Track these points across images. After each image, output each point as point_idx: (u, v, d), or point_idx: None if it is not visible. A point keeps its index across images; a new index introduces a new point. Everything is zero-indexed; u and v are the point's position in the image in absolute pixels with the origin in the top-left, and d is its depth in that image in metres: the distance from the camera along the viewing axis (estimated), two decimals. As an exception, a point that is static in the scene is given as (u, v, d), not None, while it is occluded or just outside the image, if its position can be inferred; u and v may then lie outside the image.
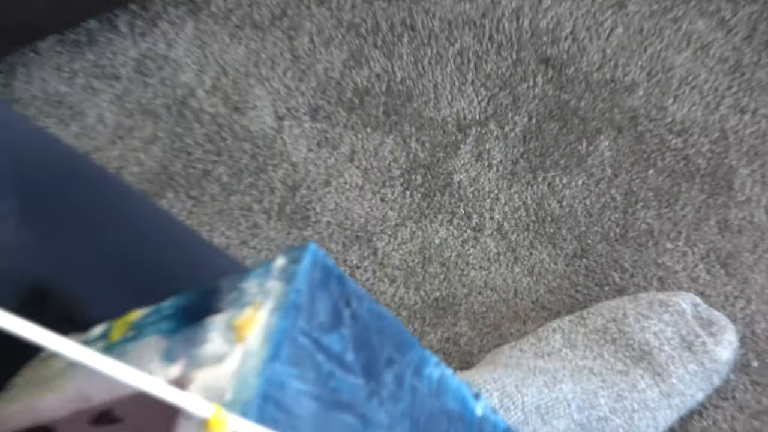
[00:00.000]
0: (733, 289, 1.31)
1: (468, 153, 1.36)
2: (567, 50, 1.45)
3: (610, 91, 1.42)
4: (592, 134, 1.40)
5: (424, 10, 1.52)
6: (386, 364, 0.67)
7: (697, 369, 1.19)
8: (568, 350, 1.24)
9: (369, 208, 1.32)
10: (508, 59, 1.45)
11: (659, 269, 1.32)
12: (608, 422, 1.18)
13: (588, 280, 1.33)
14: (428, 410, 0.69)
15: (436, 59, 1.43)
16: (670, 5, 1.45)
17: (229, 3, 1.55)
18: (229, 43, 1.52)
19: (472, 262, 1.34)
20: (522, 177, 1.38)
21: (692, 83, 1.40)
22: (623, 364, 1.21)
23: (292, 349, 0.59)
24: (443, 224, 1.36)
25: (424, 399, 0.69)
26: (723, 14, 1.45)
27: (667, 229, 1.33)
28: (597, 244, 1.34)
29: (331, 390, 0.61)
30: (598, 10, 1.50)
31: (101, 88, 1.42)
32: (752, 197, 1.35)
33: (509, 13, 1.48)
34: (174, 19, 1.55)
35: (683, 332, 1.20)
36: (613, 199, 1.36)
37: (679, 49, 1.41)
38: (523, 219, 1.36)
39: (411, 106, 1.38)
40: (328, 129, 1.32)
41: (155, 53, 1.47)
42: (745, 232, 1.34)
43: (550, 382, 1.19)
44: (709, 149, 1.38)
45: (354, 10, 1.52)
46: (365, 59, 1.46)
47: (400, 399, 0.66)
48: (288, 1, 1.54)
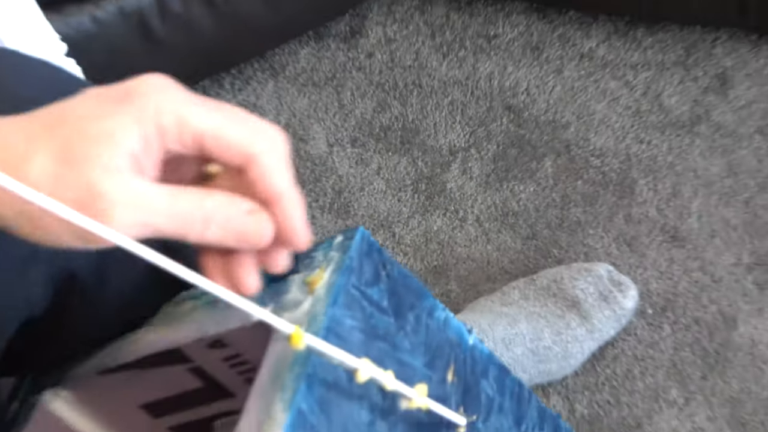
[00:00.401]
0: (635, 261, 1.30)
1: (456, 169, 1.36)
2: (523, 101, 1.40)
3: (552, 128, 1.39)
4: (540, 157, 1.36)
5: (428, 74, 1.45)
6: (409, 309, 0.69)
7: (610, 314, 1.21)
8: (523, 301, 1.24)
9: (390, 206, 1.33)
10: (483, 106, 1.41)
11: (585, 247, 1.32)
12: (551, 350, 1.19)
13: (537, 254, 1.32)
14: (437, 340, 0.71)
15: (435, 106, 1.41)
16: (592, 71, 1.42)
17: (297, 69, 1.52)
18: (297, 95, 1.49)
19: (458, 242, 1.34)
20: (493, 185, 1.35)
21: (607, 123, 1.38)
22: (560, 310, 1.21)
23: (346, 298, 0.63)
24: (439, 216, 1.34)
25: (434, 332, 0.71)
26: (627, 78, 1.42)
27: (590, 220, 1.33)
28: (543, 230, 1.33)
29: (372, 326, 0.65)
30: (543, 74, 1.47)
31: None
32: (647, 200, 1.33)
33: (484, 76, 1.44)
34: (261, 80, 1.51)
35: (601, 289, 1.21)
36: (554, 200, 1.33)
37: (599, 100, 1.40)
38: (493, 213, 1.34)
39: (418, 138, 1.39)
40: (362, 152, 1.33)
41: (248, 102, 1.49)
42: (643, 222, 1.33)
43: (512, 323, 1.19)
44: (618, 167, 1.35)
45: (381, 74, 1.46)
46: (388, 106, 1.43)
47: (419, 332, 0.69)
48: (336, 68, 1.51)
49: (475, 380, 0.74)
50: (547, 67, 1.47)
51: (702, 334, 1.23)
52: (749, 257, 1.27)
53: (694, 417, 1.17)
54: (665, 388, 1.19)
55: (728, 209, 1.31)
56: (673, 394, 1.18)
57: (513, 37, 1.48)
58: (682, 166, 1.36)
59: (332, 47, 1.51)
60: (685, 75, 1.42)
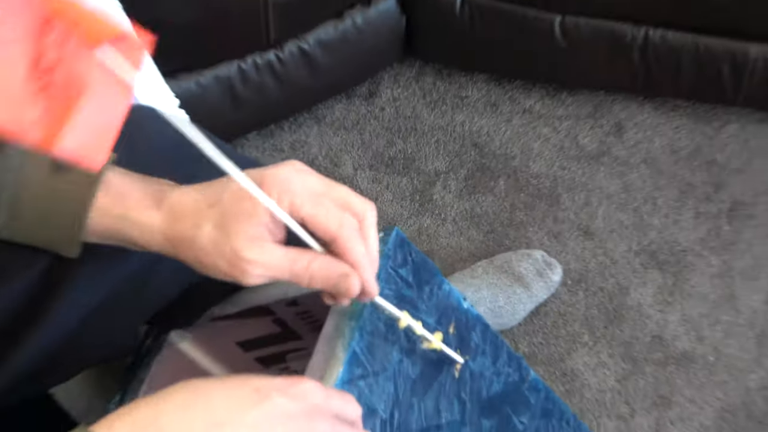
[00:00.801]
0: (560, 248, 1.30)
1: (440, 185, 1.37)
2: (485, 140, 1.39)
3: (504, 158, 1.40)
4: (496, 178, 1.37)
5: (421, 122, 1.45)
6: (426, 283, 0.71)
7: (543, 285, 1.22)
8: (485, 275, 1.22)
9: (395, 210, 1.34)
10: (458, 144, 1.41)
11: (526, 239, 1.32)
12: (503, 308, 1.20)
13: (494, 244, 1.32)
14: (443, 305, 0.73)
15: (426, 143, 1.40)
16: (531, 121, 1.43)
17: (333, 117, 1.48)
18: (333, 135, 1.46)
19: (441, 236, 1.33)
20: (464, 197, 1.36)
21: (541, 155, 1.39)
22: (510, 282, 1.21)
23: (384, 275, 0.65)
24: (428, 218, 1.35)
25: (441, 300, 0.72)
26: (555, 125, 1.44)
27: (530, 221, 1.32)
28: (498, 228, 1.32)
29: (401, 294, 0.67)
30: (498, 122, 1.45)
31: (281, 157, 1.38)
32: (568, 207, 1.33)
33: (459, 124, 1.45)
34: (308, 125, 1.47)
35: (537, 268, 1.23)
36: (506, 207, 1.34)
37: (535, 140, 1.41)
38: (465, 216, 1.34)
39: (414, 164, 1.40)
40: (376, 174, 1.32)
41: (299, 140, 1.46)
42: (565, 222, 1.32)
43: (476, 290, 1.20)
44: (548, 185, 1.36)
45: (389, 121, 1.46)
46: (394, 143, 1.42)
47: (431, 299, 0.71)
48: (359, 117, 1.47)
49: (468, 333, 0.75)
50: (501, 118, 1.45)
51: (605, 298, 1.24)
52: (636, 246, 1.28)
53: (599, 354, 1.19)
54: (579, 334, 1.21)
55: (623, 214, 1.32)
56: (585, 339, 1.20)
57: (478, 97, 1.47)
58: (591, 185, 1.36)
59: (356, 103, 1.48)
60: (594, 123, 1.42)
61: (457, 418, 0.69)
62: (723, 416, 1.09)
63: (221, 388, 0.53)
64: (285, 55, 1.28)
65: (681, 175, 1.32)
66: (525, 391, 0.80)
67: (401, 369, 0.65)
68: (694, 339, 1.15)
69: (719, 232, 1.25)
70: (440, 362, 0.70)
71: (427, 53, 1.47)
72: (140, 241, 0.58)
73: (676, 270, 1.22)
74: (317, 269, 0.54)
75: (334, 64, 1.34)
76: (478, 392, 0.73)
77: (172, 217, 0.56)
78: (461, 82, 1.47)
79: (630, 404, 1.12)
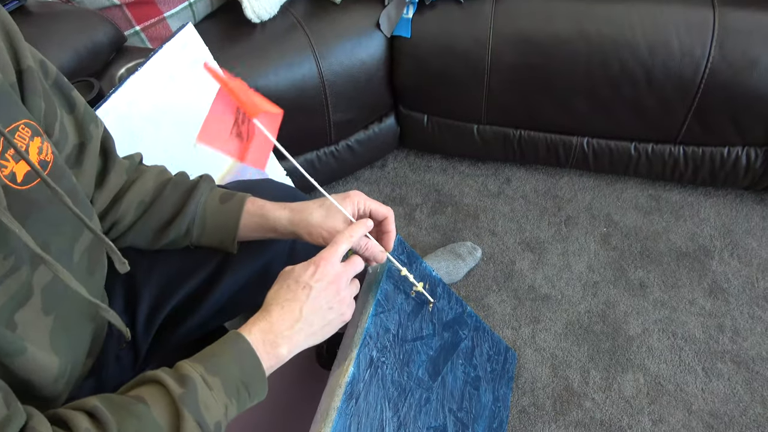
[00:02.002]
0: (480, 241, 1.29)
1: (418, 211, 1.34)
2: (440, 188, 1.42)
3: (450, 197, 1.37)
4: (446, 207, 1.35)
5: (409, 180, 1.44)
6: (413, 262, 0.69)
7: (471, 259, 1.20)
8: (442, 256, 1.19)
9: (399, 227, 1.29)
10: (426, 190, 1.40)
11: (463, 237, 1.29)
12: (452, 273, 1.16)
13: (446, 240, 1.28)
14: (423, 273, 0.70)
15: (410, 189, 1.40)
16: (465, 179, 1.42)
17: (362, 179, 1.44)
18: (363, 187, 1.43)
19: (419, 237, 1.29)
20: (431, 217, 1.33)
21: (470, 195, 1.39)
22: (454, 258, 1.19)
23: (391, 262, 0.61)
24: (413, 228, 1.31)
25: (421, 270, 0.70)
26: (475, 179, 1.43)
27: (465, 228, 1.31)
28: (448, 232, 1.31)
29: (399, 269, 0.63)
30: (447, 178, 1.44)
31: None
32: (484, 221, 1.32)
33: (433, 180, 1.45)
34: (350, 183, 1.44)
35: (468, 250, 1.21)
36: (452, 222, 1.31)
37: (465, 187, 1.40)
38: (430, 226, 1.31)
39: (405, 200, 1.36)
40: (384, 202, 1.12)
41: (347, 190, 1.20)
42: (482, 228, 1.29)
43: (437, 264, 1.17)
44: (473, 209, 1.32)
45: (393, 182, 1.45)
46: (397, 192, 1.41)
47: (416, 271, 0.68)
48: (376, 179, 1.44)
49: (434, 287, 0.72)
50: (448, 176, 1.44)
51: (503, 266, 1.23)
52: (519, 239, 1.28)
53: (501, 296, 1.18)
54: (490, 285, 1.20)
55: (511, 223, 1.31)
56: (493, 288, 1.19)
57: (436, 166, 1.47)
58: (495, 209, 1.35)
59: (375, 171, 1.46)
60: (495, 178, 1.41)
61: (431, 332, 0.67)
62: (567, 327, 1.12)
63: (287, 290, 0.48)
64: (339, 147, 1.33)
65: (540, 203, 1.36)
66: (465, 317, 0.77)
67: (402, 307, 0.62)
68: (550, 287, 1.18)
69: (560, 230, 1.30)
70: (421, 302, 0.67)
71: (410, 145, 1.47)
72: (274, 227, 0.56)
73: (539, 251, 1.26)
74: (370, 245, 0.56)
75: (364, 152, 1.37)
76: (440, 318, 0.70)
77: (294, 212, 0.55)
78: (427, 159, 1.48)
79: (518, 321, 1.13)
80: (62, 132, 0.49)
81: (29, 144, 0.41)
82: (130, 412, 0.39)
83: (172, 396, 0.41)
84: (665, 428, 0.99)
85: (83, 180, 0.51)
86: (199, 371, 0.43)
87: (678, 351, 1.09)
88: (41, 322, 0.43)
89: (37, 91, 0.45)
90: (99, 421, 0.38)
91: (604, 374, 1.06)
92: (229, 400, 0.43)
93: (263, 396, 0.46)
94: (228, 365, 0.43)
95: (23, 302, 0.41)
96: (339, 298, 0.49)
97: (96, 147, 0.53)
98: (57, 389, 0.45)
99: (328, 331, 0.49)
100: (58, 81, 0.50)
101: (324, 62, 1.13)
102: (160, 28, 1.06)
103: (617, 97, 1.14)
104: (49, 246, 0.43)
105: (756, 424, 0.99)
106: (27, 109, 0.44)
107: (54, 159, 0.44)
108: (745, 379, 1.04)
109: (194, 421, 0.40)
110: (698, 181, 1.29)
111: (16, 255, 0.40)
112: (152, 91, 0.78)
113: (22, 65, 0.44)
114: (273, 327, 0.46)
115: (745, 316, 1.13)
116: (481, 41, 1.15)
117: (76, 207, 0.43)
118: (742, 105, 1.08)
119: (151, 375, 0.43)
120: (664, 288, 1.18)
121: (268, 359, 0.45)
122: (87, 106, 0.53)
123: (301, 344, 0.47)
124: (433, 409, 0.62)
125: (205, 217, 0.57)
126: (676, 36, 1.07)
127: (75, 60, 0.86)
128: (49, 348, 0.43)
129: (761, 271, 1.19)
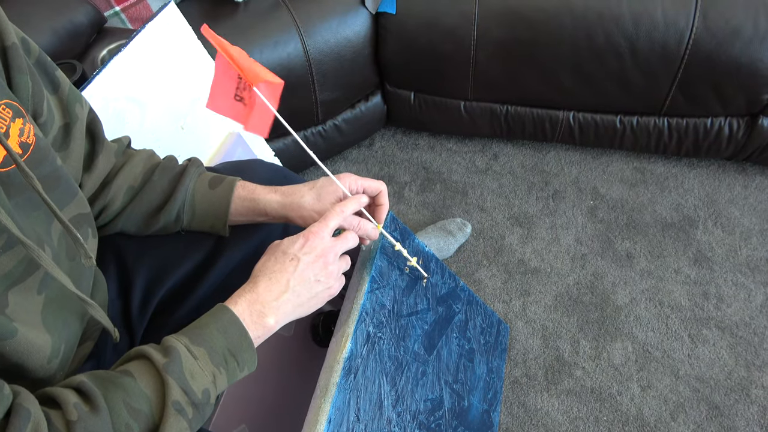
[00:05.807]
0: (469, 217, 1.29)
1: (407, 189, 1.33)
2: (429, 166, 1.42)
3: (439, 174, 1.38)
4: (435, 184, 1.35)
5: (397, 159, 1.43)
6: (405, 238, 0.69)
7: (462, 235, 1.21)
8: (433, 232, 1.20)
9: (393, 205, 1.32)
10: (415, 168, 1.40)
11: (452, 213, 1.29)
12: (443, 249, 1.17)
13: (436, 217, 1.28)
14: (416, 249, 0.70)
15: (398, 167, 1.39)
16: (453, 156, 1.42)
17: (350, 158, 1.43)
18: (351, 167, 1.42)
19: (409, 215, 1.29)
20: (420, 195, 1.32)
21: (459, 171, 1.39)
22: (445, 235, 1.20)
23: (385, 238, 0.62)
24: (403, 205, 1.31)
25: (414, 246, 0.70)
26: (463, 156, 1.44)
27: (454, 205, 1.31)
28: (438, 209, 1.30)
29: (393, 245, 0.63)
30: (435, 155, 1.44)
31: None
32: (473, 197, 1.32)
33: (420, 157, 1.44)
34: (338, 162, 1.43)
35: (458, 227, 1.22)
36: (441, 199, 1.31)
37: (453, 164, 1.41)
38: (420, 204, 1.30)
39: (394, 179, 1.36)
40: None
41: (336, 170, 1.35)
42: (471, 204, 1.30)
43: (429, 240, 1.17)
44: (462, 186, 1.33)
45: (381, 160, 1.44)
46: (385, 171, 1.40)
47: (410, 246, 0.68)
48: (364, 158, 1.43)
49: (427, 262, 0.72)
50: (435, 153, 1.43)
51: (493, 241, 1.24)
52: (507, 215, 1.30)
53: (491, 270, 1.19)
54: (481, 260, 1.21)
55: (500, 199, 1.33)
56: (484, 263, 1.20)
57: (423, 144, 1.45)
58: (483, 185, 1.36)
59: (363, 150, 1.45)
60: (482, 154, 1.42)
61: (425, 307, 0.67)
62: (556, 299, 1.13)
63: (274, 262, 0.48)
64: (326, 127, 1.33)
65: (527, 178, 1.37)
66: (458, 291, 0.78)
67: (396, 282, 0.62)
68: (539, 260, 1.20)
69: (547, 205, 1.32)
70: (415, 278, 0.67)
71: (397, 123, 1.46)
72: (265, 211, 0.56)
73: (528, 225, 1.27)
74: (363, 223, 0.55)
75: (351, 131, 1.36)
76: (435, 293, 0.70)
77: (285, 195, 0.55)
78: (415, 137, 1.47)
79: (509, 295, 1.15)
80: (49, 113, 0.47)
81: (10, 125, 0.39)
82: (117, 385, 0.40)
83: (156, 366, 0.41)
84: (653, 394, 1.01)
85: (70, 162, 0.50)
86: (183, 342, 0.43)
87: (665, 319, 1.11)
88: (33, 300, 0.42)
89: (23, 68, 0.43)
90: (86, 395, 0.39)
91: (594, 344, 1.07)
92: (217, 370, 0.43)
93: (254, 366, 0.46)
94: (213, 335, 0.43)
95: (18, 281, 0.40)
96: (326, 272, 0.48)
97: (82, 128, 0.51)
98: (51, 370, 0.44)
99: (315, 304, 0.49)
100: (41, 59, 0.48)
101: (309, 41, 1.12)
102: (141, 8, 1.05)
103: (603, 70, 1.15)
104: (33, 230, 0.42)
105: (740, 387, 1.02)
106: (13, 88, 0.42)
107: (36, 141, 0.42)
108: (730, 344, 1.07)
109: (179, 388, 0.41)
110: (682, 152, 1.31)
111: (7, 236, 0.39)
112: (136, 72, 0.77)
113: (6, 41, 0.42)
114: (259, 297, 0.46)
115: (729, 283, 1.15)
116: (467, 16, 1.15)
117: (57, 191, 0.42)
118: (725, 75, 1.09)
119: (136, 350, 0.43)
120: (650, 258, 1.19)
121: (255, 329, 0.45)
122: (72, 87, 0.51)
123: (289, 315, 0.47)
124: (430, 382, 0.63)
125: (194, 203, 0.56)
126: (661, 7, 1.07)
127: (56, 42, 0.83)
128: (41, 326, 0.43)
129: (743, 239, 1.21)
